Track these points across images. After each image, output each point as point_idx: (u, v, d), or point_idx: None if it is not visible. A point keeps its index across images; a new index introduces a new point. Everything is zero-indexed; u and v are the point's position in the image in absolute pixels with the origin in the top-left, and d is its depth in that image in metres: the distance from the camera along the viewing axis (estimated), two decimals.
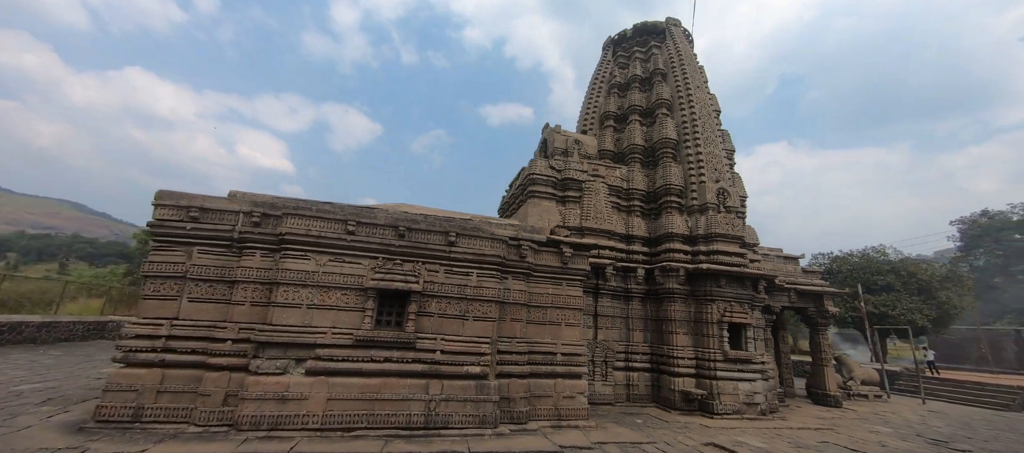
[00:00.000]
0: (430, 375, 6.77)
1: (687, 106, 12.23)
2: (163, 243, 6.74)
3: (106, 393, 6.00)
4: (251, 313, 6.61)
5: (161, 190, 6.85)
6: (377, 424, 6.32)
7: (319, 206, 7.13)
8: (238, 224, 6.90)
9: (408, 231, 7.16)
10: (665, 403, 9.94)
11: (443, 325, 7.08)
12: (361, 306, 6.78)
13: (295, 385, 6.20)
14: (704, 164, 11.37)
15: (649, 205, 11.95)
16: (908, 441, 8.50)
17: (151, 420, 6.01)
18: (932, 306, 24.97)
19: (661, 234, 11.12)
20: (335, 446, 5.73)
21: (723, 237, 10.59)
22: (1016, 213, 41.38)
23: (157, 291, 6.54)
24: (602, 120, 13.86)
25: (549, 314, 8.15)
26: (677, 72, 12.94)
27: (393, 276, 6.88)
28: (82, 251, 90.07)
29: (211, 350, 6.35)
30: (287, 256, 6.67)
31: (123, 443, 5.37)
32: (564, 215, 10.99)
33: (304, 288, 6.61)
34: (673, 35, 13.87)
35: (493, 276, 7.52)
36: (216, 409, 6.09)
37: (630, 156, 12.56)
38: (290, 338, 6.35)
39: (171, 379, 6.22)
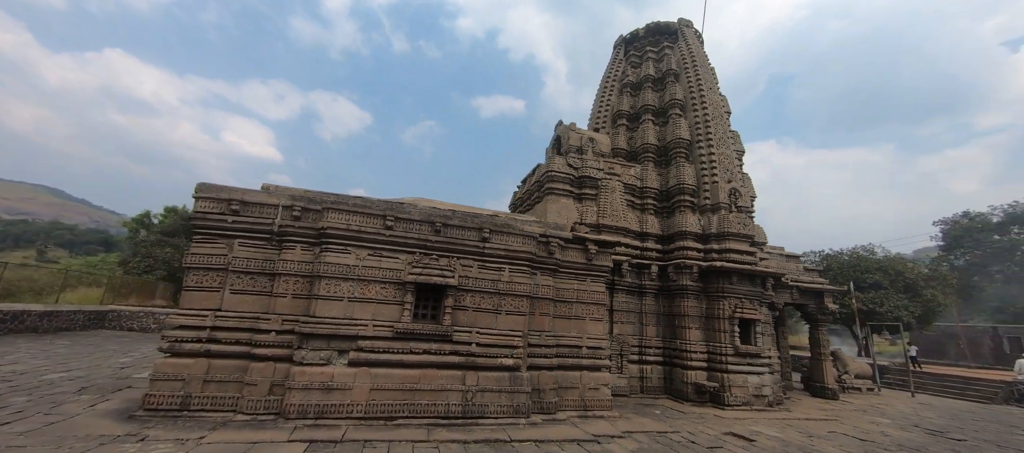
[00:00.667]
0: (466, 367, 7.01)
1: (700, 107, 12.54)
2: (204, 235, 6.82)
3: (154, 382, 6.11)
4: (293, 305, 6.75)
5: (201, 183, 6.92)
6: (417, 413, 6.55)
7: (356, 201, 7.26)
8: (277, 217, 7.01)
9: (443, 227, 7.34)
10: (678, 395, 10.35)
11: (477, 319, 7.31)
12: (399, 299, 6.96)
13: (339, 375, 6.39)
14: (717, 165, 11.72)
15: (662, 204, 12.27)
16: (907, 431, 9.03)
17: (198, 409, 6.15)
18: (917, 304, 25.98)
19: (674, 232, 11.47)
20: (381, 434, 5.94)
21: (735, 236, 10.97)
22: (995, 215, 42.93)
23: (200, 283, 6.64)
24: (615, 119, 14.10)
25: (574, 309, 8.43)
26: (690, 73, 13.23)
27: (430, 271, 7.07)
28: (61, 238, 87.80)
29: (256, 341, 6.49)
30: (328, 250, 6.81)
31: (179, 430, 5.51)
32: (581, 212, 11.24)
33: (345, 281, 6.77)
34: (685, 36, 14.13)
35: (524, 272, 7.76)
36: (262, 398, 6.25)
37: (643, 155, 12.85)
38: (333, 330, 6.52)
39: (217, 369, 6.35)
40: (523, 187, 13.95)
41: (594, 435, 6.62)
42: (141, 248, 28.41)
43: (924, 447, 7.69)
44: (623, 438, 6.65)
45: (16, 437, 4.89)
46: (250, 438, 5.39)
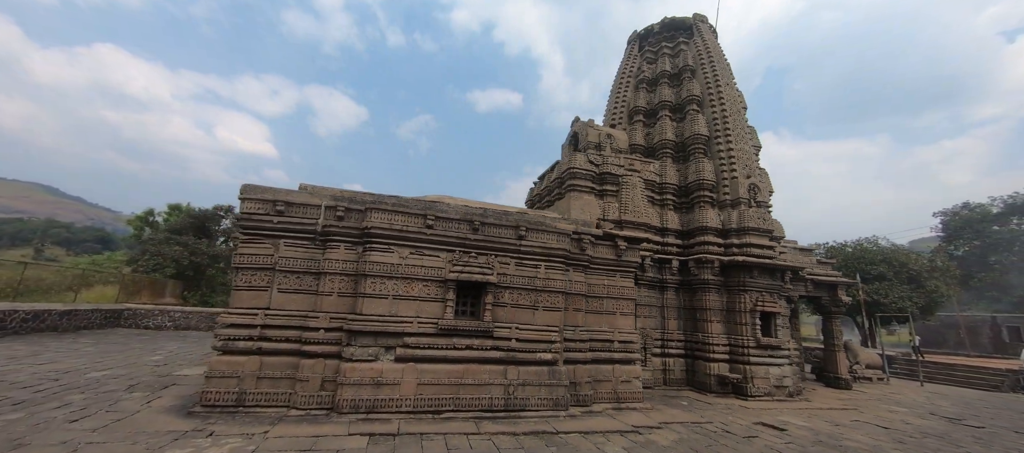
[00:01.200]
0: (507, 362, 7.20)
1: (718, 103, 12.68)
2: (251, 236, 6.96)
3: (210, 379, 6.28)
4: (339, 303, 6.92)
5: (246, 184, 7.04)
6: (463, 407, 6.75)
7: (395, 200, 7.40)
8: (320, 217, 7.15)
9: (482, 225, 7.49)
10: (700, 387, 10.60)
11: (516, 314, 7.49)
12: (441, 297, 7.14)
13: (387, 371, 6.57)
14: (735, 160, 11.89)
15: (681, 199, 12.45)
16: (926, 419, 9.31)
17: (253, 404, 6.33)
18: (921, 294, 26.37)
19: (695, 227, 11.66)
20: (432, 427, 6.14)
21: (755, 231, 11.17)
22: (996, 205, 43.43)
23: (249, 282, 6.79)
24: (631, 115, 14.23)
25: (605, 304, 8.63)
26: (706, 68, 13.35)
27: (471, 268, 7.24)
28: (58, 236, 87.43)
29: (305, 338, 6.66)
30: (372, 249, 6.96)
31: (240, 426, 5.69)
32: (604, 208, 11.41)
33: (389, 280, 6.93)
34: (701, 31, 14.23)
35: (558, 268, 7.94)
36: (314, 393, 6.44)
37: (661, 151, 13.00)
38: (380, 327, 6.69)
39: (269, 366, 6.53)
40: (541, 184, 14.09)
41: (633, 426, 6.84)
42: (150, 246, 28.43)
43: (947, 434, 7.96)
44: (661, 429, 6.88)
45: (90, 434, 5.05)
46: (311, 432, 5.58)
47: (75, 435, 4.96)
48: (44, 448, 4.54)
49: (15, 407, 5.91)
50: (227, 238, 34.29)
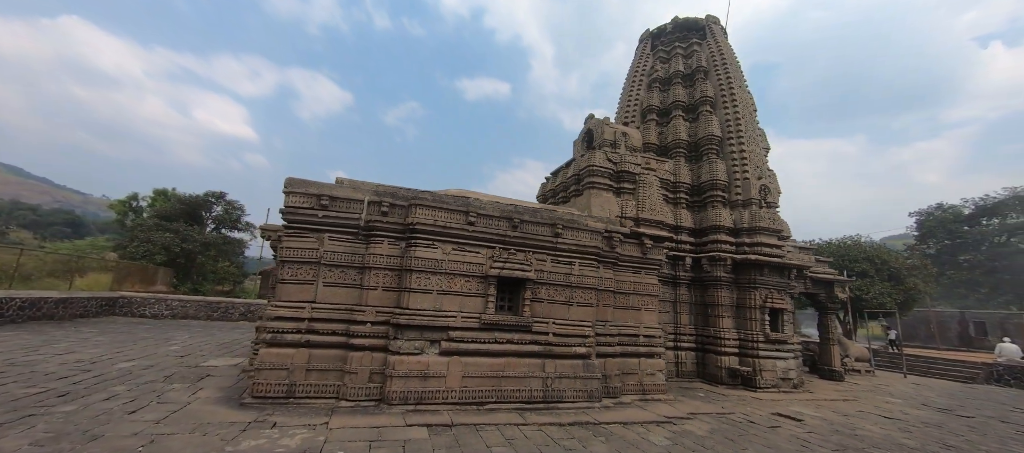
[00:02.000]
0: (545, 355, 7.46)
1: (730, 104, 13.05)
2: (296, 230, 6.99)
3: (260, 371, 6.35)
4: (383, 297, 7.04)
5: (290, 178, 7.04)
6: (504, 398, 6.99)
7: (435, 196, 7.50)
8: (363, 212, 7.21)
9: (521, 223, 7.68)
10: (711, 379, 11.10)
11: (552, 310, 7.74)
12: (483, 292, 7.32)
13: (434, 364, 6.75)
14: (747, 161, 12.31)
15: (694, 198, 12.84)
16: (919, 409, 10.00)
17: (303, 396, 6.44)
18: (900, 291, 27.75)
19: (708, 226, 12.08)
20: (479, 418, 6.36)
21: (766, 231, 11.65)
22: (967, 207, 45.61)
23: (295, 276, 6.84)
24: (644, 113, 14.50)
25: (631, 300, 8.95)
26: (719, 70, 13.69)
27: (511, 265, 7.43)
28: (24, 218, 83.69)
29: (352, 331, 6.78)
30: (417, 245, 7.07)
31: (298, 417, 5.80)
32: (622, 206, 11.69)
33: (434, 275, 7.07)
34: (714, 33, 14.54)
35: (591, 265, 8.21)
36: (363, 385, 6.58)
37: (674, 150, 13.34)
38: (426, 321, 6.85)
39: (317, 358, 6.63)
40: (554, 179, 14.28)
41: (666, 417, 7.21)
42: (139, 232, 27.62)
43: (943, 423, 8.61)
44: (693, 419, 7.27)
45: (155, 425, 5.10)
46: (370, 423, 5.74)
47: (142, 427, 5.01)
48: (120, 439, 4.59)
49: (62, 398, 5.88)
50: (219, 225, 33.53)
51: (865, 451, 6.27)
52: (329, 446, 4.82)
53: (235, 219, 33.23)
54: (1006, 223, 43.41)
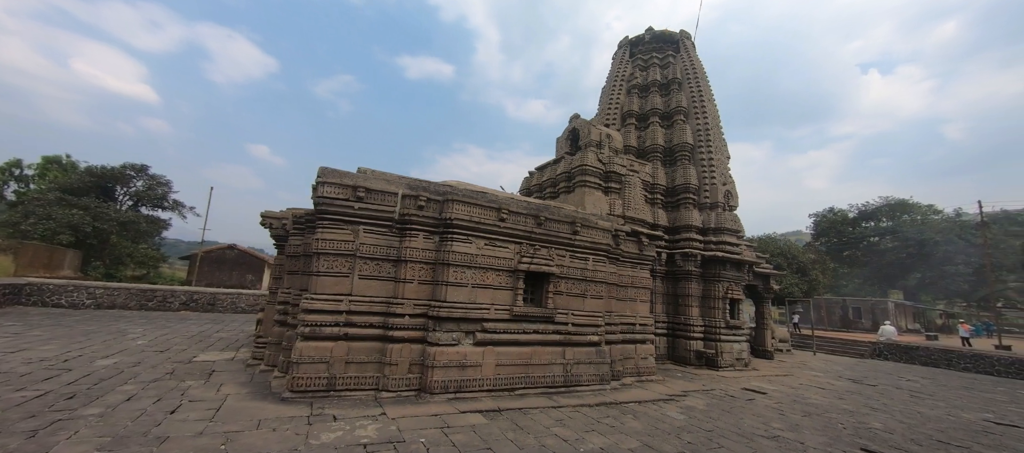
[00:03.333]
0: (565, 344, 8.10)
1: (701, 115, 14.52)
2: (330, 221, 6.81)
3: (299, 365, 6.23)
4: (419, 290, 7.16)
5: (323, 167, 6.83)
6: (532, 384, 7.53)
7: (467, 192, 7.71)
8: (398, 205, 7.22)
9: (545, 221, 8.16)
10: (680, 361, 12.56)
11: (569, 302, 8.38)
12: (512, 286, 7.73)
13: (470, 354, 7.07)
14: (715, 168, 13.87)
15: (668, 199, 14.18)
16: (840, 381, 12.25)
17: (343, 388, 6.44)
18: (805, 281, 32.65)
19: (681, 225, 13.47)
20: (513, 403, 6.84)
21: (729, 231, 13.30)
22: (851, 211, 54.19)
23: (331, 268, 6.70)
24: (624, 117, 15.56)
25: (629, 292, 9.89)
26: (692, 83, 15.10)
27: (538, 260, 7.91)
28: None
29: (391, 324, 6.84)
30: (454, 239, 7.27)
31: (350, 408, 5.85)
32: (611, 204, 12.61)
33: (469, 269, 7.33)
34: (687, 48, 15.93)
35: (602, 261, 8.96)
36: (403, 376, 6.72)
37: (652, 154, 14.56)
38: (462, 313, 7.12)
39: (355, 350, 6.62)
40: (541, 174, 14.84)
41: (668, 395, 8.24)
42: (37, 208, 23.51)
43: (859, 391, 10.72)
44: (687, 396, 8.39)
45: (209, 423, 4.92)
46: (425, 412, 5.96)
47: (200, 426, 4.80)
48: (191, 439, 4.40)
49: (73, 401, 5.35)
50: (138, 202, 29.54)
51: (822, 414, 7.77)
52: (408, 434, 5.03)
53: (160, 196, 29.47)
54: (879, 226, 52.36)
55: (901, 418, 8.01)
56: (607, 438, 5.46)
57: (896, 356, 19.96)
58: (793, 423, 6.97)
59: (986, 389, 12.83)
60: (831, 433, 6.55)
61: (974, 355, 18.09)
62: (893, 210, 50.75)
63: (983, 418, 8.62)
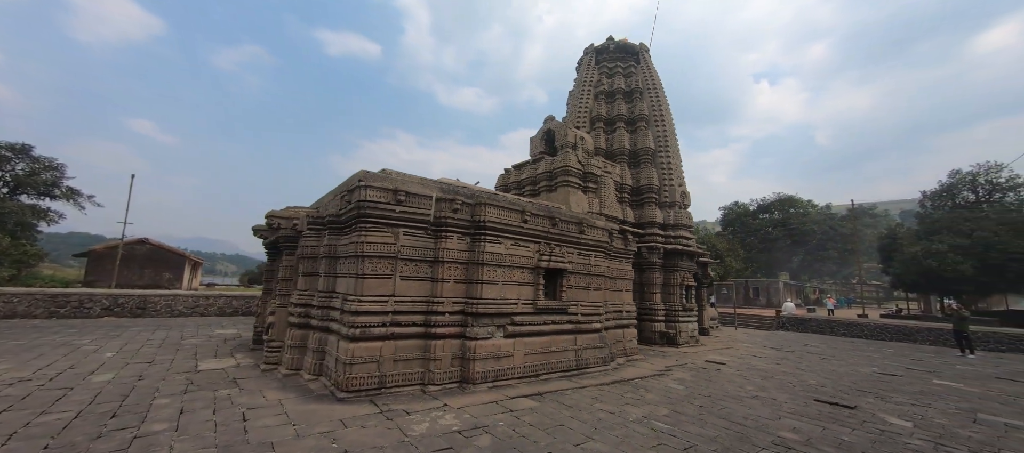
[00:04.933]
0: (576, 332, 9.07)
1: (660, 123, 16.30)
2: (372, 224, 6.93)
3: (352, 366, 6.39)
4: (455, 289, 7.59)
5: (364, 171, 6.90)
6: (551, 370, 8.40)
7: (494, 196, 8.24)
8: (433, 208, 7.53)
9: (559, 221, 8.98)
10: (647, 341, 14.29)
11: (578, 294, 9.34)
12: (533, 282, 8.46)
13: (503, 346, 7.71)
14: (673, 171, 15.75)
15: (634, 197, 15.79)
16: (767, 349, 14.89)
17: (393, 385, 6.72)
18: (722, 267, 37.61)
19: (646, 222, 15.15)
20: (542, 387, 7.65)
21: (685, 226, 15.28)
22: (752, 205, 62.84)
23: (376, 270, 6.86)
24: (593, 122, 16.84)
25: (617, 283, 11.15)
26: (651, 93, 16.82)
27: (554, 258, 8.72)
28: None
29: (433, 321, 7.21)
30: (487, 240, 7.78)
31: (410, 403, 6.20)
32: (589, 203, 13.80)
33: (499, 268, 7.91)
34: (646, 60, 17.62)
35: (602, 256, 10.05)
36: (446, 370, 7.16)
37: (619, 156, 16.04)
38: (495, 309, 7.71)
39: (401, 349, 6.91)
40: (519, 172, 15.58)
41: (658, 370, 9.64)
42: None
43: (785, 357, 13.25)
44: (672, 371, 9.86)
45: (286, 427, 5.02)
46: (478, 400, 6.51)
47: (288, 430, 4.91)
48: (294, 441, 4.54)
49: (119, 419, 5.05)
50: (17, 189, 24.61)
51: (773, 377, 9.70)
52: (483, 420, 5.58)
53: (50, 182, 24.80)
54: (772, 218, 61.43)
55: (824, 376, 10.28)
56: (641, 409, 6.53)
57: (794, 327, 24.29)
58: (760, 385, 8.70)
59: (862, 349, 16.46)
60: (788, 391, 8.36)
61: (849, 323, 22.74)
62: (783, 204, 59.79)
63: (873, 370, 11.33)
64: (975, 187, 31.06)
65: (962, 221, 28.16)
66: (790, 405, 7.19)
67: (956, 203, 31.77)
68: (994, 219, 27.40)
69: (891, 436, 5.76)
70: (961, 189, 31.91)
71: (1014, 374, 11.45)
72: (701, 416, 6.26)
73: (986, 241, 25.86)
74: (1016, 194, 29.61)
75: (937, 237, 28.05)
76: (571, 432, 5.30)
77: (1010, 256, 25.26)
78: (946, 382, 9.96)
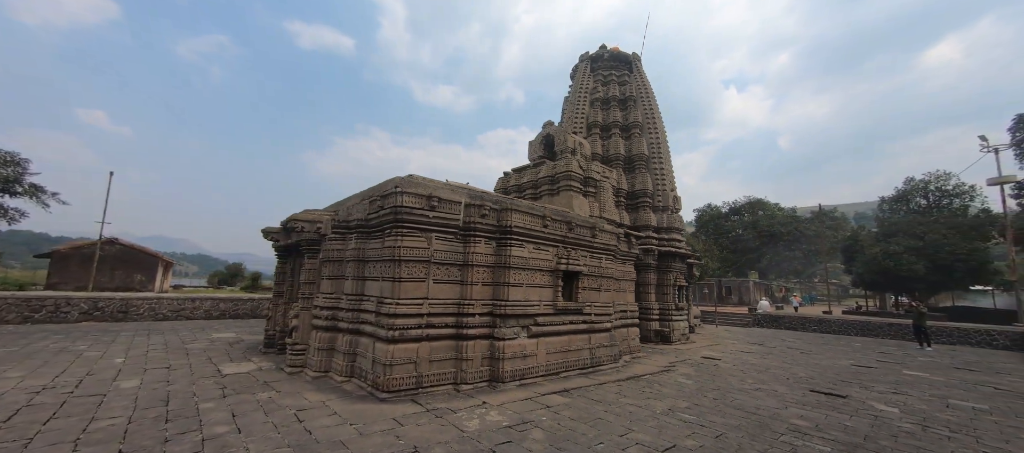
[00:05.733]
0: (590, 331, 9.52)
1: (654, 130, 17.04)
2: (408, 229, 7.13)
3: (392, 367, 6.59)
4: (483, 291, 7.88)
5: (404, 178, 7.09)
6: (569, 367, 8.82)
7: (516, 202, 8.58)
8: (461, 214, 7.80)
9: (574, 226, 9.41)
10: (642, 338, 14.93)
11: (591, 296, 9.80)
12: (553, 284, 8.85)
13: (528, 345, 8.06)
14: (665, 177, 16.51)
15: (629, 201, 16.45)
16: (752, 346, 15.88)
17: (429, 385, 6.96)
18: (698, 267, 39.21)
19: (641, 225, 15.83)
20: (565, 384, 8.07)
21: (677, 230, 16.07)
22: (724, 208, 65.65)
23: (412, 274, 7.06)
24: (589, 127, 17.41)
25: (622, 284, 11.70)
26: (644, 101, 17.55)
27: (571, 261, 9.15)
28: None
29: (464, 323, 7.48)
30: (512, 244, 8.11)
31: (449, 401, 6.46)
32: (590, 207, 14.32)
33: (523, 271, 8.25)
34: (639, 69, 18.36)
35: (611, 259, 10.55)
36: (477, 370, 7.45)
37: (615, 161, 16.67)
38: (520, 310, 8.05)
39: (435, 349, 7.15)
40: (519, 176, 15.92)
41: (663, 367, 10.23)
42: None
43: (771, 352, 14.21)
44: (677, 367, 10.49)
45: (345, 427, 5.20)
46: (512, 397, 6.84)
47: (349, 430, 5.09)
48: (360, 440, 4.74)
49: (173, 424, 5.09)
50: None
51: (767, 370, 10.48)
52: (526, 415, 5.92)
53: (10, 178, 23.17)
54: (743, 220, 64.40)
55: (810, 369, 11.17)
56: (663, 402, 7.04)
57: (769, 324, 25.77)
58: (759, 379, 9.43)
59: (833, 343, 17.77)
60: (785, 383, 9.10)
61: (818, 319, 24.35)
62: (752, 207, 62.76)
63: (850, 363, 12.37)
64: (927, 194, 33.80)
65: (916, 225, 30.60)
66: (791, 396, 7.89)
67: (910, 208, 34.45)
68: (943, 223, 29.93)
69: (884, 421, 6.49)
70: (915, 195, 34.65)
71: (968, 364, 12.77)
72: (718, 408, 6.83)
73: (936, 243, 28.23)
74: (961, 200, 32.45)
75: (894, 239, 30.36)
76: (611, 425, 5.73)
77: (956, 257, 27.70)
78: (915, 373, 11.04)
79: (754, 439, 5.39)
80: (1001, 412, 7.29)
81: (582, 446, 4.91)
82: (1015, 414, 7.22)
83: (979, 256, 27.84)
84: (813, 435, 5.67)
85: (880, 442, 5.51)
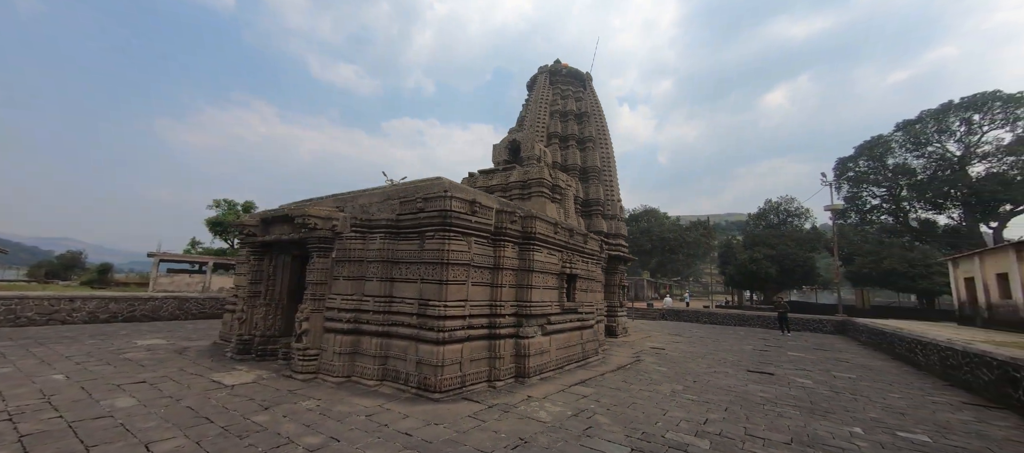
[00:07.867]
0: (582, 328, 10.61)
1: (604, 145, 18.95)
2: (454, 233, 7.28)
3: (444, 368, 6.79)
4: (509, 293, 8.37)
5: (450, 183, 7.21)
6: (569, 361, 9.80)
7: (539, 211, 9.21)
8: (493, 220, 8.18)
9: (574, 234, 10.38)
10: None
11: (582, 296, 10.89)
12: (557, 286, 9.70)
13: (544, 343, 8.80)
14: (614, 187, 18.52)
15: (584, 208, 18.06)
16: (677, 337, 18.76)
17: (470, 383, 7.27)
18: None
19: (594, 231, 17.53)
20: (575, 376, 9.02)
21: (622, 236, 18.18)
22: (637, 211, 73.64)
23: (456, 277, 7.25)
24: (549, 138, 18.60)
25: (592, 285, 13.06)
26: (596, 117, 19.38)
27: (573, 265, 10.11)
28: None
29: (496, 323, 7.89)
30: (535, 249, 8.73)
31: (499, 397, 6.89)
32: (557, 213, 15.47)
33: (541, 274, 8.94)
34: (591, 87, 20.16)
35: (595, 263, 11.78)
36: (507, 367, 7.95)
37: (572, 171, 18.14)
38: (539, 310, 8.74)
39: (474, 349, 7.46)
40: (487, 178, 16.33)
41: (632, 359, 11.83)
42: None
43: (694, 342, 17.06)
44: (642, 358, 12.18)
45: (430, 428, 5.39)
46: (546, 391, 7.52)
47: (432, 431, 5.27)
48: (484, 434, 5.00)
49: (246, 439, 4.73)
50: None
51: (705, 356, 12.78)
52: (568, 408, 6.67)
53: None
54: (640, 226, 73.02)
55: (729, 353, 13.88)
56: (663, 386, 8.41)
57: (672, 317, 30.29)
58: (708, 363, 11.54)
59: (724, 333, 21.82)
60: (726, 366, 11.32)
61: (709, 313, 29.41)
62: (648, 215, 71.64)
63: (752, 348, 15.62)
64: (778, 213, 42.83)
65: (771, 237, 38.65)
66: (739, 376, 9.98)
67: (767, 223, 43.26)
68: (788, 236, 38.34)
69: (810, 390, 8.76)
70: (769, 213, 43.65)
71: (821, 345, 17.05)
72: (703, 388, 8.44)
73: (784, 252, 36.08)
74: (800, 220, 41.94)
75: (756, 248, 37.90)
76: (645, 405, 6.82)
77: (796, 263, 35.77)
78: (796, 353, 14.49)
79: (749, 410, 6.97)
80: (866, 379, 10.29)
81: (644, 424, 5.88)
82: (872, 379, 10.25)
83: (810, 263, 36.38)
84: (780, 403, 7.50)
85: (821, 404, 7.56)
